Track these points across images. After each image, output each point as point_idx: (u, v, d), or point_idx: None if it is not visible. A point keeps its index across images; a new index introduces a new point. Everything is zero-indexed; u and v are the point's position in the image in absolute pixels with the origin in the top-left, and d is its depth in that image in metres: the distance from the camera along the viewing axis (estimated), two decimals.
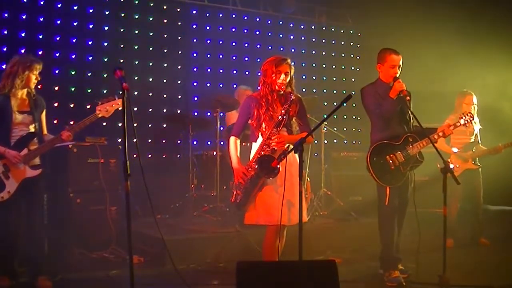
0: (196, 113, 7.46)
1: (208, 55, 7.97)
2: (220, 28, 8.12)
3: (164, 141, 7.49)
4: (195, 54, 7.87)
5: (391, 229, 4.65)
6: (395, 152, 4.55)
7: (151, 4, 7.56)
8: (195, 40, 7.88)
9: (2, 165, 4.20)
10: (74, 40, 6.85)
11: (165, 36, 7.64)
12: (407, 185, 4.67)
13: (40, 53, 6.49)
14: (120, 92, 3.20)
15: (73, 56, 6.83)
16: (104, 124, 6.37)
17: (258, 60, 6.73)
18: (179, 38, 7.75)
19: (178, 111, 7.56)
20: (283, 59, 4.07)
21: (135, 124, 3.19)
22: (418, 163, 4.65)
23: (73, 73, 6.82)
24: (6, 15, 6.38)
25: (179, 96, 7.70)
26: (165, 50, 7.60)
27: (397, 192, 4.61)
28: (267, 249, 4.09)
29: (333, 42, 9.35)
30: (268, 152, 3.95)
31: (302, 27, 8.99)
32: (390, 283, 4.52)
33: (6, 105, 4.23)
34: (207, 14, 8.06)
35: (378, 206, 4.73)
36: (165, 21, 7.66)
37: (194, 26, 7.92)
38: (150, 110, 7.40)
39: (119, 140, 6.26)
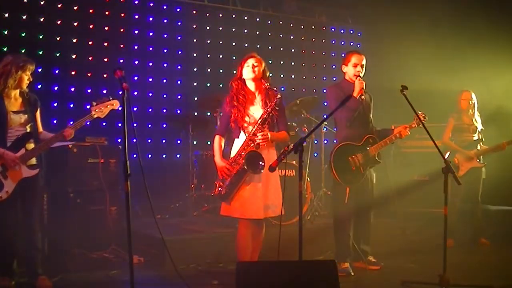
0: (196, 113, 7.46)
1: (208, 55, 7.97)
2: (220, 28, 8.12)
3: (164, 141, 7.49)
4: (194, 54, 7.87)
5: (347, 226, 4.85)
6: (356, 153, 4.75)
7: (151, 4, 7.57)
8: (195, 40, 7.88)
9: (0, 165, 4.17)
10: (74, 40, 6.85)
11: (165, 36, 7.64)
12: (367, 184, 4.89)
13: (40, 53, 6.49)
14: (120, 92, 3.20)
15: (73, 56, 6.82)
16: (104, 124, 6.38)
17: None
18: (179, 38, 7.76)
19: (178, 111, 7.56)
20: (250, 55, 4.22)
21: (135, 124, 3.19)
22: (376, 163, 4.87)
23: (73, 73, 6.82)
24: (6, 15, 6.37)
25: (179, 96, 7.70)
26: (165, 50, 7.61)
27: (355, 191, 4.80)
28: (240, 244, 4.17)
29: (333, 42, 9.34)
30: (253, 148, 4.04)
31: (302, 27, 8.99)
32: (341, 273, 4.60)
33: (0, 106, 4.19)
34: (207, 14, 8.05)
35: (333, 206, 5.01)
36: (165, 21, 7.66)
37: (194, 26, 7.92)
38: (150, 110, 7.40)
39: (119, 140, 6.26)
